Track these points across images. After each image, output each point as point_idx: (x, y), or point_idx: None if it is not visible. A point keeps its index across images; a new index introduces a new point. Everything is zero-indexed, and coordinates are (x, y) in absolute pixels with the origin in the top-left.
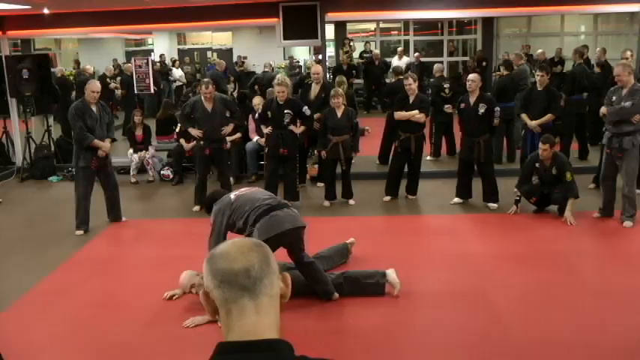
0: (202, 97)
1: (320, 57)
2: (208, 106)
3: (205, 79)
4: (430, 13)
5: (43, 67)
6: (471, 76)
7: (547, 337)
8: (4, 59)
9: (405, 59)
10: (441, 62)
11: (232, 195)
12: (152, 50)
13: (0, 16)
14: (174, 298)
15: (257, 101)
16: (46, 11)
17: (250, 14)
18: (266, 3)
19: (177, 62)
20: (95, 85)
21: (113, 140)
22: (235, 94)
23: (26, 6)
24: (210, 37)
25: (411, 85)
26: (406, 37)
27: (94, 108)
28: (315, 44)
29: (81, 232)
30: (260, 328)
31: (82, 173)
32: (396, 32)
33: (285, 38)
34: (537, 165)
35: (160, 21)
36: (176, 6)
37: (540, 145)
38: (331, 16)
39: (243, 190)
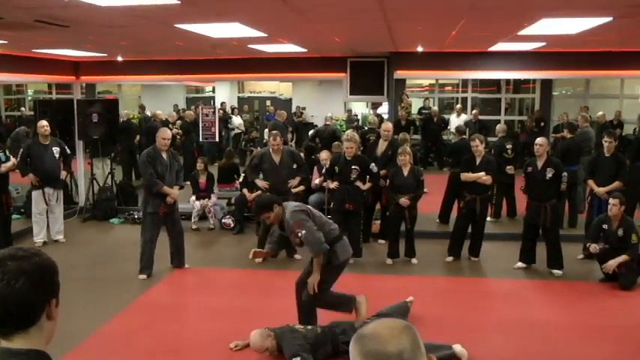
0: (270, 149)
1: (379, 111)
2: (276, 158)
3: (274, 132)
4: (496, 74)
5: (112, 112)
6: (539, 140)
7: None
8: (75, 102)
9: (464, 117)
10: (498, 120)
11: (303, 205)
12: (213, 97)
13: (75, 61)
14: (236, 348)
15: (324, 156)
16: (119, 59)
17: (318, 68)
18: (334, 57)
19: (237, 110)
20: (166, 133)
21: (181, 187)
22: (293, 144)
23: (103, 54)
24: (276, 86)
25: (478, 146)
26: (464, 95)
27: (164, 155)
28: (381, 100)
29: (144, 276)
30: None
31: (149, 218)
32: (449, 88)
33: (351, 93)
34: (605, 227)
35: (227, 71)
36: (244, 57)
37: (610, 200)
38: (400, 73)
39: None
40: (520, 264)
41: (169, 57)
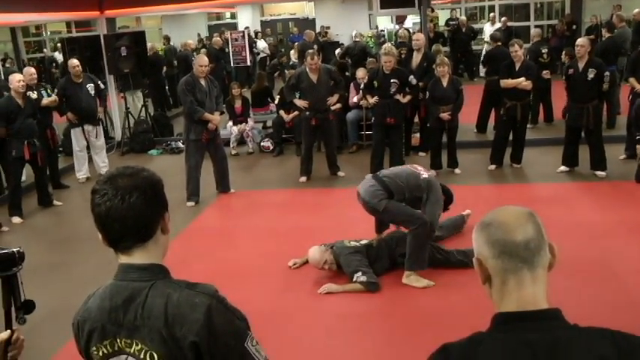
0: (307, 68)
1: (405, 25)
2: (313, 77)
3: (310, 50)
4: None
5: (140, 45)
6: (580, 40)
7: None
8: (102, 38)
9: (498, 25)
10: (528, 26)
11: None
12: (236, 23)
13: None
14: (294, 266)
15: (361, 74)
16: None
17: None
18: None
19: (260, 34)
20: (203, 60)
21: (222, 113)
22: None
23: None
24: (297, 7)
25: (517, 51)
26: (491, 3)
27: (202, 82)
28: (413, 13)
29: (192, 203)
30: (537, 299)
31: (193, 146)
32: None
33: (381, 7)
34: None
35: None
36: None
37: None
38: None
39: None
40: (563, 167)
41: None
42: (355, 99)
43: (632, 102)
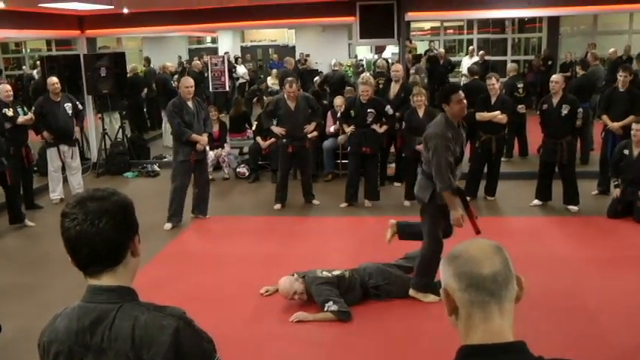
0: (285, 96)
1: (384, 55)
2: (291, 105)
3: (289, 78)
4: (506, 12)
5: (120, 66)
6: (555, 77)
7: None
8: (82, 58)
9: (476, 58)
10: (505, 60)
11: None
12: (216, 48)
13: (79, 16)
14: (266, 293)
15: (339, 102)
16: (125, 11)
17: (324, 13)
18: (342, 2)
19: (240, 59)
20: (188, 81)
21: (210, 135)
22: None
23: (109, 6)
24: (278, 34)
25: (494, 84)
26: (469, 37)
27: (190, 104)
28: (392, 44)
29: (170, 225)
30: (503, 332)
31: (181, 167)
32: (451, 31)
33: (361, 37)
34: (626, 152)
35: (231, 19)
36: (248, 5)
37: (634, 126)
38: (411, 15)
39: None
40: (536, 201)
41: (172, 7)
42: (332, 129)
43: (604, 139)
